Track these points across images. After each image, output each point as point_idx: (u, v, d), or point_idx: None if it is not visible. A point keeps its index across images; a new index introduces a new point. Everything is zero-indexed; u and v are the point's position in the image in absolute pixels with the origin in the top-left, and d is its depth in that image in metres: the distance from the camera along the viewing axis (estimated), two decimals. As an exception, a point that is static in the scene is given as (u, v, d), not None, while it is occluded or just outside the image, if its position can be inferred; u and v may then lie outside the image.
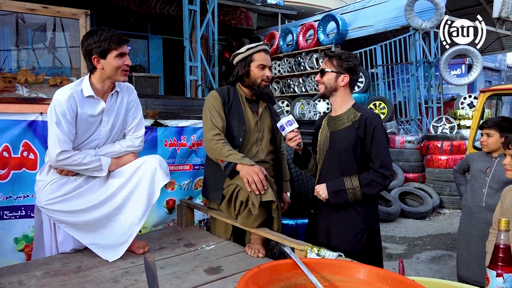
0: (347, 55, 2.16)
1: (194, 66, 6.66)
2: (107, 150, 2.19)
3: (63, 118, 1.99)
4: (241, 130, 2.38)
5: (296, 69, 10.26)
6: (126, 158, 2.23)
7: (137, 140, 2.29)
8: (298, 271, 1.12)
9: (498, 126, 2.73)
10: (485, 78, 19.28)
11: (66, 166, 2.04)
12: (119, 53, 2.04)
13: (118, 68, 2.05)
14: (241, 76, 2.40)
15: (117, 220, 2.14)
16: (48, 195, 2.08)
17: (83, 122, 2.07)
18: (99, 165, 2.11)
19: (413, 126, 8.22)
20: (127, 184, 2.14)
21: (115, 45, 2.01)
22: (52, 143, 2.00)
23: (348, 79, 2.14)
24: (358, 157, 2.10)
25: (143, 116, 2.36)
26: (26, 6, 2.86)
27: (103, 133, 2.18)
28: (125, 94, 2.24)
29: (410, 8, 7.86)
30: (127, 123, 2.28)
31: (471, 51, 7.75)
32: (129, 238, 2.15)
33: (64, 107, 1.99)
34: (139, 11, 10.63)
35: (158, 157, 2.23)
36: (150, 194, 2.15)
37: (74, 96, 2.03)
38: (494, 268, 1.39)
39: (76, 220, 2.09)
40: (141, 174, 2.14)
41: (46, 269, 1.98)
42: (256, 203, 2.06)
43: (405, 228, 5.72)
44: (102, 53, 2.01)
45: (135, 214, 2.14)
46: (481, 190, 2.77)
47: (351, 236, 2.12)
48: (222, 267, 2.04)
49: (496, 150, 2.75)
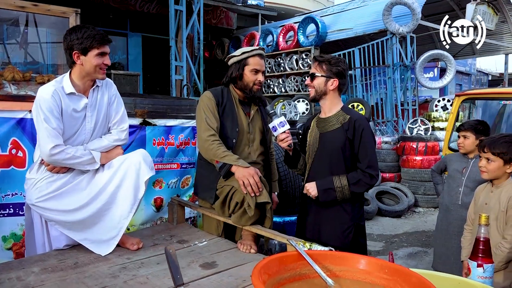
0: (336, 60, 2.26)
1: (180, 65, 6.69)
2: (95, 145, 2.24)
3: (50, 114, 2.03)
4: (234, 131, 2.44)
5: (276, 70, 10.39)
6: (115, 152, 2.29)
7: (123, 133, 2.34)
8: (302, 262, 1.21)
9: (474, 128, 2.88)
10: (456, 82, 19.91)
11: (60, 160, 2.07)
12: (100, 52, 2.09)
13: (96, 66, 2.10)
14: (235, 78, 2.47)
15: (107, 216, 2.20)
16: (38, 193, 2.11)
17: (68, 118, 2.11)
18: (91, 157, 2.16)
19: (390, 127, 8.47)
20: (113, 179, 2.20)
21: (97, 44, 2.07)
22: (44, 139, 2.03)
23: (337, 83, 2.24)
24: (347, 157, 2.21)
25: (125, 110, 2.41)
26: (16, 3, 2.84)
27: (88, 128, 2.22)
28: (105, 89, 2.30)
29: (388, 13, 8.09)
30: (110, 117, 2.33)
31: (445, 56, 8.06)
32: (120, 232, 2.21)
33: (49, 103, 2.03)
34: (118, 8, 10.51)
35: (142, 151, 2.30)
36: (136, 188, 2.21)
37: (57, 92, 2.07)
38: (475, 259, 1.53)
39: (67, 219, 2.14)
40: (125, 168, 2.21)
41: (43, 265, 2.01)
42: (252, 204, 2.13)
43: (382, 226, 5.91)
44: (84, 50, 2.06)
45: (123, 208, 2.20)
46: (458, 189, 2.92)
47: (339, 232, 2.23)
48: (217, 262, 2.11)
49: (472, 151, 2.90)
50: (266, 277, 1.08)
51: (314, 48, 9.40)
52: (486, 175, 2.19)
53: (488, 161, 2.16)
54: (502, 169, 2.14)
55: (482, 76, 24.68)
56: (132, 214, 2.25)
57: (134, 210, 2.25)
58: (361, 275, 1.20)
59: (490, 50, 11.76)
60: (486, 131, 2.89)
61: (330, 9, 11.10)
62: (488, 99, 5.48)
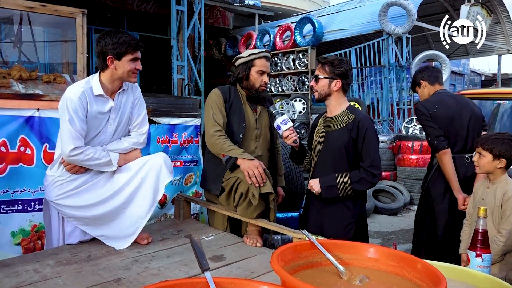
0: (338, 61, 2.34)
1: (181, 65, 6.75)
2: (114, 146, 2.29)
3: (75, 115, 2.08)
4: (241, 127, 2.54)
5: (273, 70, 10.46)
6: (133, 154, 2.34)
7: (142, 136, 2.40)
8: (314, 251, 1.29)
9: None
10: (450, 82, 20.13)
11: (79, 161, 2.13)
12: (134, 58, 2.16)
13: (130, 71, 2.17)
14: (241, 78, 2.56)
15: (124, 214, 2.26)
16: (58, 191, 2.17)
17: (92, 119, 2.17)
18: (109, 160, 2.21)
19: (385, 126, 8.60)
20: (133, 179, 2.25)
21: (131, 49, 2.13)
22: (66, 139, 2.09)
23: (341, 84, 2.33)
24: (350, 156, 2.30)
25: (147, 113, 2.47)
26: (25, 4, 2.90)
27: (110, 130, 2.28)
28: (130, 91, 2.35)
29: (384, 14, 8.21)
30: (132, 120, 2.38)
31: (439, 56, 8.19)
32: (136, 231, 2.27)
33: (76, 105, 2.08)
34: (116, 7, 10.55)
35: (163, 155, 2.35)
36: (156, 190, 2.27)
37: (85, 94, 2.12)
38: (474, 250, 1.62)
39: (84, 215, 2.20)
40: (147, 170, 2.26)
41: (57, 258, 2.07)
42: (256, 194, 2.23)
43: (379, 223, 6.02)
44: (118, 55, 2.12)
45: (142, 208, 2.26)
46: None
47: (341, 228, 2.32)
48: (225, 255, 2.19)
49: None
50: (282, 263, 1.16)
51: (311, 48, 9.49)
52: (478, 169, 2.31)
53: (479, 155, 2.28)
54: (492, 164, 2.24)
55: (475, 77, 24.96)
56: (150, 215, 2.31)
57: (152, 211, 2.31)
58: (369, 262, 1.29)
59: (484, 51, 11.94)
60: None
61: (326, 10, 11.21)
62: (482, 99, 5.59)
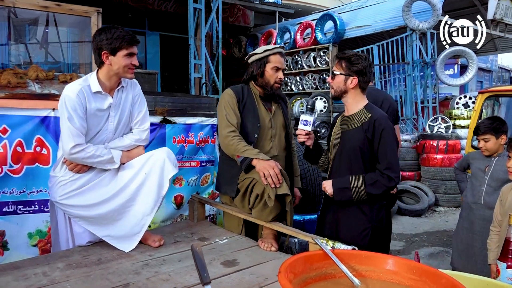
0: (356, 57, 2.21)
1: (198, 64, 6.72)
2: (116, 144, 2.26)
3: (74, 113, 2.06)
4: (255, 127, 2.46)
5: (294, 68, 10.33)
6: (136, 151, 2.32)
7: (144, 133, 2.36)
8: (328, 261, 1.20)
9: (492, 129, 2.78)
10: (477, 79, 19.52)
11: (80, 159, 2.11)
12: (129, 53, 2.11)
13: (125, 66, 2.12)
14: (255, 75, 2.48)
15: (129, 212, 2.23)
16: (62, 191, 2.15)
17: (92, 116, 2.15)
18: (111, 157, 2.19)
19: (409, 125, 8.35)
20: (137, 176, 2.22)
21: (126, 44, 2.09)
22: (66, 137, 2.07)
23: (357, 81, 2.20)
24: (366, 157, 2.18)
25: (147, 110, 2.43)
26: (40, 3, 2.89)
27: (111, 127, 2.25)
28: (130, 88, 2.32)
29: (408, 9, 7.96)
30: (133, 117, 2.35)
31: (466, 52, 7.89)
32: (143, 228, 2.24)
33: (74, 102, 2.06)
34: (137, 7, 10.62)
35: (166, 149, 2.32)
36: (160, 185, 2.23)
37: (83, 91, 2.10)
38: (505, 260, 1.49)
39: (89, 214, 2.17)
40: (150, 166, 2.23)
41: (67, 261, 2.04)
42: (272, 195, 2.14)
43: (402, 225, 5.84)
44: (113, 50, 2.08)
45: (147, 205, 2.23)
46: (480, 188, 2.86)
47: (356, 234, 2.21)
48: (238, 260, 2.11)
49: (496, 151, 2.83)
50: (292, 276, 1.08)
51: (332, 46, 9.31)
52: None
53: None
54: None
55: (503, 73, 24.13)
56: (155, 211, 2.27)
57: (157, 207, 2.27)
58: (388, 275, 1.18)
59: (513, 46, 11.48)
60: (504, 127, 2.79)
61: (348, 6, 10.97)
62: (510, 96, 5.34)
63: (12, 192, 2.78)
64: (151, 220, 2.26)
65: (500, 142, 2.78)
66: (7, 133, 2.78)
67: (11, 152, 2.78)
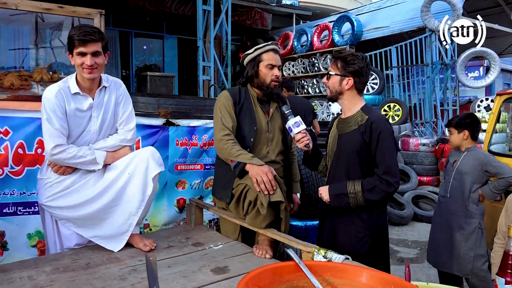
0: (352, 57, 2.11)
1: (207, 66, 6.70)
2: (101, 145, 2.23)
3: (53, 114, 2.04)
4: (252, 130, 2.39)
5: (310, 70, 10.23)
6: (122, 151, 2.28)
7: (129, 133, 2.32)
8: (300, 274, 1.11)
9: (454, 124, 2.96)
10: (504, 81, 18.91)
11: (62, 159, 2.08)
12: (79, 52, 2.04)
13: (79, 65, 2.07)
14: (251, 76, 2.41)
15: (116, 212, 2.19)
16: (48, 192, 2.14)
17: (72, 117, 2.12)
18: (94, 158, 2.15)
19: (428, 128, 8.12)
20: (121, 176, 2.19)
21: (76, 43, 2.03)
22: (46, 139, 2.06)
23: (352, 82, 2.10)
24: (363, 161, 2.07)
25: (133, 109, 2.38)
26: (42, 5, 2.91)
27: (94, 129, 2.21)
28: (113, 88, 2.28)
29: (427, 9, 7.76)
30: (118, 117, 2.31)
31: (488, 53, 7.62)
32: (130, 228, 2.21)
33: (53, 104, 2.05)
34: (154, 11, 10.73)
35: (150, 148, 2.28)
36: (145, 184, 2.19)
37: (61, 93, 2.08)
38: (503, 275, 1.37)
39: (75, 215, 2.14)
40: (134, 165, 2.19)
41: (56, 265, 2.01)
42: (265, 203, 2.06)
43: (418, 232, 5.65)
44: (70, 49, 2.06)
45: (132, 204, 2.19)
46: (448, 181, 2.98)
47: (355, 241, 2.11)
48: (229, 267, 2.04)
49: (459, 145, 2.95)
50: (256, 289, 1.00)
51: (349, 47, 9.17)
52: None
53: None
54: None
55: (532, 75, 23.27)
56: (141, 211, 2.23)
57: (143, 206, 2.23)
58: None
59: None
60: (468, 124, 2.92)
61: (366, 7, 10.80)
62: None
63: (12, 193, 2.79)
64: (137, 219, 2.22)
65: (463, 137, 2.91)
66: (8, 134, 2.79)
67: (12, 153, 2.79)
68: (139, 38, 11.39)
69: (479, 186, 2.83)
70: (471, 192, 2.82)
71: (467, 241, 2.80)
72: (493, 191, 2.78)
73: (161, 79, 10.09)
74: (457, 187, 2.87)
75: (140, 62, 11.60)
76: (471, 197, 2.82)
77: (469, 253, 2.79)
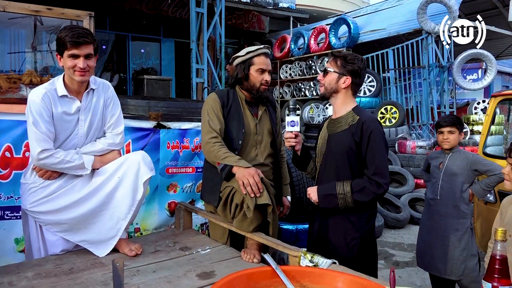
0: (353, 56, 2.10)
1: (201, 68, 6.67)
2: (88, 149, 2.17)
3: (39, 118, 1.98)
4: (240, 133, 2.36)
5: (307, 73, 10.21)
6: (111, 156, 2.22)
7: (117, 137, 2.26)
8: (277, 279, 1.08)
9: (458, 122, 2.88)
10: (503, 83, 18.93)
11: (49, 164, 2.03)
12: (72, 54, 1.98)
13: (70, 68, 2.00)
14: (240, 79, 2.38)
15: (104, 216, 2.14)
16: (32, 198, 2.08)
17: (59, 121, 2.06)
18: (81, 162, 2.09)
19: (425, 131, 8.09)
20: (110, 180, 2.14)
21: (69, 45, 1.95)
22: (32, 143, 2.00)
23: (350, 82, 2.09)
24: (352, 162, 2.04)
25: (121, 112, 2.33)
26: (30, 7, 2.88)
27: (81, 132, 2.16)
28: (101, 91, 2.22)
29: (423, 12, 7.74)
30: (106, 120, 2.25)
31: (485, 55, 7.60)
32: (118, 233, 2.16)
33: (39, 107, 1.98)
34: (151, 14, 10.73)
35: (141, 152, 2.22)
36: (135, 189, 2.14)
37: (48, 95, 2.01)
38: (490, 280, 1.33)
39: (61, 219, 2.09)
40: (124, 169, 2.14)
41: (38, 270, 1.97)
42: (251, 206, 2.02)
43: (414, 235, 5.57)
44: (60, 51, 1.99)
45: (121, 209, 2.14)
46: (436, 184, 2.91)
47: (343, 244, 2.08)
48: (215, 272, 2.00)
49: (455, 146, 2.90)
50: (230, 295, 0.96)
51: (346, 50, 9.16)
52: (510, 185, 1.96)
53: None
54: None
55: (531, 78, 23.28)
56: (131, 216, 2.19)
57: (133, 211, 2.19)
58: (342, 296, 1.05)
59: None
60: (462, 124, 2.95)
61: (362, 10, 10.81)
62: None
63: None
64: (126, 224, 2.18)
65: (460, 137, 2.89)
66: (-4, 138, 2.75)
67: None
68: (136, 42, 11.39)
69: (468, 186, 2.83)
70: (462, 192, 2.80)
71: (460, 242, 2.78)
72: (485, 188, 2.77)
73: (158, 82, 10.06)
74: (447, 189, 2.84)
75: (137, 65, 11.59)
76: (462, 197, 2.80)
77: (462, 254, 2.77)
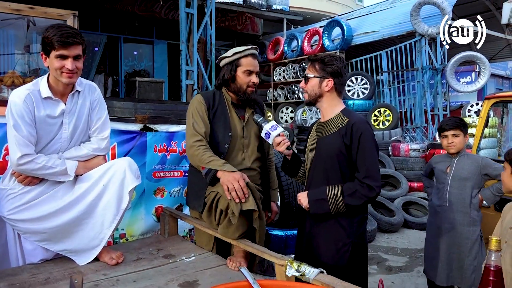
0: (330, 58, 2.05)
1: (191, 70, 6.59)
2: (72, 154, 2.07)
3: (21, 120, 1.88)
4: (226, 136, 2.28)
5: (301, 75, 10.14)
6: (95, 161, 2.12)
7: (103, 141, 2.16)
8: (255, 295, 1.00)
9: (462, 125, 2.75)
10: (496, 86, 18.97)
11: (30, 170, 1.92)
12: (59, 55, 1.88)
13: (57, 69, 1.90)
14: (227, 80, 2.30)
15: (87, 225, 2.05)
16: (10, 204, 1.97)
17: (42, 124, 1.95)
18: (64, 168, 1.99)
19: (419, 134, 8.05)
20: (94, 187, 2.04)
21: (57, 45, 1.85)
22: (12, 147, 1.89)
23: (333, 83, 2.03)
24: (343, 165, 1.98)
25: (108, 116, 2.23)
26: (11, 6, 2.78)
27: (65, 136, 2.05)
28: (87, 93, 2.11)
29: (416, 14, 7.72)
30: (91, 124, 2.15)
31: (478, 57, 7.58)
32: (101, 242, 2.06)
33: (21, 109, 1.88)
34: (144, 16, 10.63)
35: (127, 159, 2.13)
36: (120, 197, 2.05)
37: (31, 97, 1.91)
38: (484, 292, 1.26)
39: (41, 227, 1.98)
40: (109, 177, 2.04)
41: (12, 280, 1.87)
42: (236, 211, 1.94)
43: (408, 239, 5.54)
44: (46, 51, 1.89)
45: (106, 217, 2.05)
46: (444, 190, 2.78)
47: (334, 251, 2.00)
48: (199, 281, 1.92)
49: (461, 149, 2.77)
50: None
51: (339, 52, 9.11)
52: None
53: None
54: None
55: (524, 81, 23.39)
56: (115, 225, 2.10)
57: (117, 221, 2.10)
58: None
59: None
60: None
61: (356, 12, 10.79)
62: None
63: (-22, 203, 2.64)
64: (110, 233, 2.09)
65: (466, 140, 2.77)
66: (-25, 141, 2.65)
67: (-21, 161, 2.65)
68: (128, 44, 11.28)
69: (478, 191, 2.69)
70: (472, 198, 2.66)
71: (471, 251, 2.64)
72: (495, 193, 2.64)
73: (150, 84, 9.97)
74: (456, 195, 2.70)
75: (130, 67, 11.48)
76: (472, 204, 2.66)
77: (473, 263, 2.63)
